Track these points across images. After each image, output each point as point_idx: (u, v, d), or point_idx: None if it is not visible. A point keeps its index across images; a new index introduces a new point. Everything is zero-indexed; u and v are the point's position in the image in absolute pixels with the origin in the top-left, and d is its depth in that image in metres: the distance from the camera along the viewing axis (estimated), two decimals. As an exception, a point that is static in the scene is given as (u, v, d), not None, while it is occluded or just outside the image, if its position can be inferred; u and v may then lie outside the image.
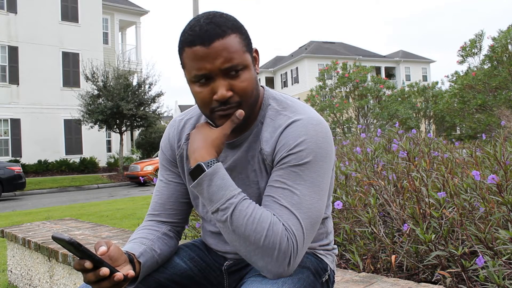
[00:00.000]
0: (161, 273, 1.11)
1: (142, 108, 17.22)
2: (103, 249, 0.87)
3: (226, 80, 0.97)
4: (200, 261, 1.18)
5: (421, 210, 1.83)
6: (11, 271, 3.18)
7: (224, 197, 0.94)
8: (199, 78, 0.97)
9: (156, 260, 1.08)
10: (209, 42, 0.94)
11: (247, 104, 1.01)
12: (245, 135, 1.08)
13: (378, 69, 36.15)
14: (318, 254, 1.12)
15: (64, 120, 20.04)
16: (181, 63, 1.02)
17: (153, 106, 17.83)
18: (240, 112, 0.99)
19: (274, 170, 1.00)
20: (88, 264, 0.83)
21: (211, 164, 0.96)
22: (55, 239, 0.81)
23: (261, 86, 1.11)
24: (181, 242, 1.26)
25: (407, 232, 1.82)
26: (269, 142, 1.03)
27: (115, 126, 17.41)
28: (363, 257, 1.98)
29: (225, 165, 1.09)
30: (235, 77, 0.97)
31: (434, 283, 1.66)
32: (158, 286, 1.09)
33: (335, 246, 1.22)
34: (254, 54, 1.04)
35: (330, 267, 1.14)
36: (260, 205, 1.00)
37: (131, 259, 0.99)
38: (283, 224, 0.93)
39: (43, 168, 18.47)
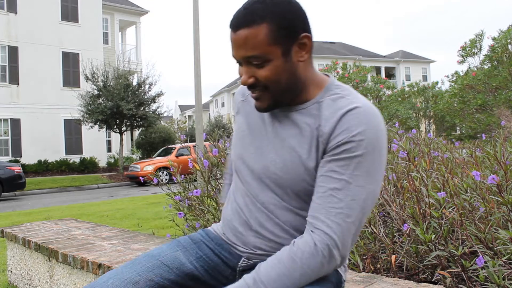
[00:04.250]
0: (166, 275, 1.08)
1: (142, 108, 17.23)
2: None
3: (250, 67, 1.00)
4: (208, 261, 1.14)
5: (421, 210, 1.83)
6: (11, 271, 3.18)
7: None
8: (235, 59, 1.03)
9: None
10: (236, 29, 0.97)
11: (276, 91, 1.02)
12: (301, 107, 1.06)
13: (378, 69, 36.15)
14: (338, 269, 1.12)
15: (64, 120, 20.04)
16: None
17: (153, 106, 17.86)
18: None
19: (331, 159, 0.98)
20: None
21: None
22: None
23: (325, 74, 1.11)
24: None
25: (407, 232, 1.82)
26: (329, 121, 1.00)
27: (115, 126, 17.42)
28: (363, 257, 1.98)
29: (270, 126, 1.09)
30: (258, 66, 0.99)
31: (434, 283, 1.66)
32: None
33: None
34: (304, 40, 0.99)
35: (343, 277, 1.15)
36: (307, 177, 1.02)
37: None
38: (311, 232, 0.95)
39: (43, 168, 18.48)
